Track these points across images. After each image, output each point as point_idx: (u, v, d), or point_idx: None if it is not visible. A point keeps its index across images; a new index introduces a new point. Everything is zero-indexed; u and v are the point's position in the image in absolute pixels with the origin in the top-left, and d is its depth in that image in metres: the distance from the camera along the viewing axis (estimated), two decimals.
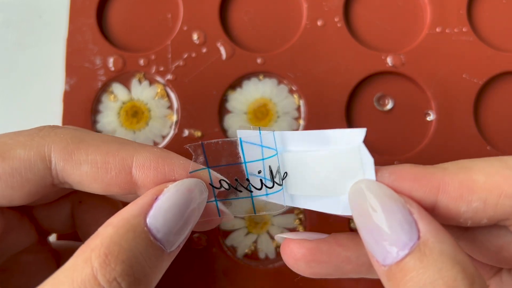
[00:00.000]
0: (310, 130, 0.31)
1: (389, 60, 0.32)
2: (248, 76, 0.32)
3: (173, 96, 0.31)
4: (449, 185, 0.18)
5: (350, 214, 0.19)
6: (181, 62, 0.31)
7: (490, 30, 0.33)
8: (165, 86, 0.31)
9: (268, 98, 0.31)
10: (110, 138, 0.22)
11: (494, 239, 0.20)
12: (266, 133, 0.20)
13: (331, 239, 0.21)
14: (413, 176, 0.19)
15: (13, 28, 0.34)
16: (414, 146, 0.31)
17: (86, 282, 0.17)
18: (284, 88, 0.32)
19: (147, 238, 0.18)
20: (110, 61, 0.31)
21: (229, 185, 0.21)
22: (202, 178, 0.20)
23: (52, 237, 0.29)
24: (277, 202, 0.21)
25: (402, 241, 0.17)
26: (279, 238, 0.22)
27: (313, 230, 0.30)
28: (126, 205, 0.20)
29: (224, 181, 0.21)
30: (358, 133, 0.19)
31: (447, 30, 0.32)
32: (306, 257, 0.21)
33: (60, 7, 0.33)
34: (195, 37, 0.32)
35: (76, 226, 0.26)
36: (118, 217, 0.19)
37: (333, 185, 0.19)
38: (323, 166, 0.19)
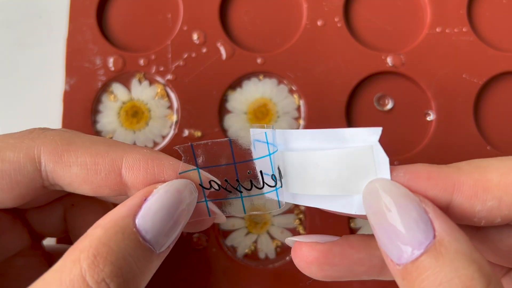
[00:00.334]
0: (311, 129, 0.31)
1: (389, 60, 0.32)
2: (248, 76, 0.32)
3: (173, 96, 0.31)
4: (464, 184, 0.18)
5: (363, 213, 0.19)
6: (181, 62, 0.31)
7: (490, 30, 0.33)
8: (165, 86, 0.31)
9: (268, 98, 0.31)
10: (99, 139, 0.22)
11: (506, 239, 0.20)
12: (269, 131, 0.20)
13: (343, 241, 0.21)
14: (427, 175, 0.19)
15: (13, 28, 0.34)
16: (414, 146, 0.31)
17: (75, 283, 0.17)
18: (284, 88, 0.32)
19: (136, 239, 0.18)
20: (110, 61, 0.31)
21: (219, 185, 0.21)
22: (192, 179, 0.20)
23: (52, 241, 0.29)
24: (277, 199, 0.21)
25: (418, 240, 0.17)
26: (290, 241, 0.22)
27: (313, 230, 0.30)
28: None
29: (214, 181, 0.21)
30: (373, 132, 0.19)
31: (447, 30, 0.32)
32: (318, 260, 0.20)
33: (60, 7, 0.33)
34: (195, 37, 0.32)
35: (68, 230, 0.26)
36: (107, 218, 0.19)
37: (345, 184, 0.19)
38: (335, 165, 0.19)
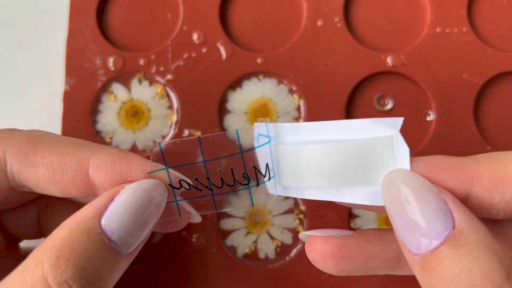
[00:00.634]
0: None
1: (389, 60, 0.32)
2: (248, 76, 0.32)
3: (173, 96, 0.31)
4: (483, 175, 0.18)
5: (381, 204, 0.19)
6: (181, 62, 0.31)
7: (490, 30, 0.33)
8: (165, 86, 0.31)
9: (268, 98, 0.31)
10: (67, 139, 0.21)
11: None
12: (261, 125, 0.20)
13: (358, 235, 0.21)
14: (447, 166, 0.19)
15: (13, 28, 0.34)
16: (414, 146, 0.31)
17: (36, 284, 0.17)
18: (284, 88, 0.32)
19: (102, 240, 0.18)
20: (110, 61, 0.31)
21: (189, 185, 0.20)
22: (161, 179, 0.20)
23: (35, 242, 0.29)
24: (271, 192, 0.21)
25: (437, 230, 0.17)
26: (304, 236, 0.21)
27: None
28: None
29: (184, 181, 0.20)
30: (394, 122, 0.19)
31: (447, 30, 0.32)
32: (334, 254, 0.20)
33: (60, 7, 0.33)
34: (195, 37, 0.32)
35: (43, 232, 0.25)
36: (73, 219, 0.19)
37: (362, 175, 0.19)
38: (351, 156, 0.19)
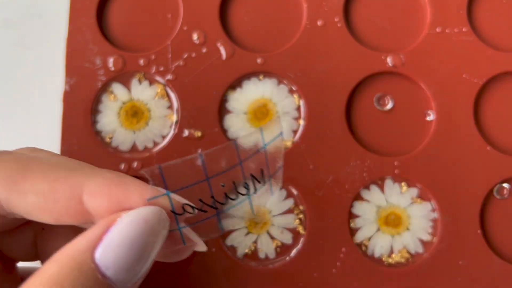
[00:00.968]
0: (309, 130, 0.31)
1: (389, 60, 0.32)
2: (248, 76, 0.32)
3: (173, 96, 0.31)
4: None
5: None
6: (181, 62, 0.31)
7: (490, 30, 0.33)
8: (165, 86, 0.31)
9: (268, 98, 0.31)
10: (61, 163, 0.20)
11: None
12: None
13: None
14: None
15: (13, 28, 0.34)
16: (414, 146, 0.31)
17: None
18: (284, 88, 0.32)
19: (95, 277, 0.16)
20: (110, 61, 0.31)
21: (193, 208, 0.18)
22: (163, 205, 0.18)
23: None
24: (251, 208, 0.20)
25: None
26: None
27: (313, 230, 0.30)
28: None
29: (187, 205, 0.18)
30: None
31: (447, 30, 0.32)
32: None
33: (60, 7, 0.33)
34: (195, 37, 0.32)
35: (39, 255, 0.24)
36: (64, 252, 0.17)
37: None
38: None
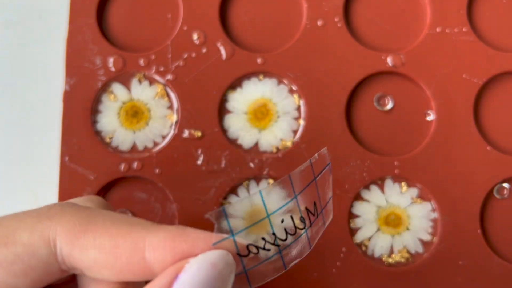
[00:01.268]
0: (309, 130, 0.31)
1: (389, 60, 0.32)
2: (248, 76, 0.32)
3: (173, 96, 0.31)
4: None
5: None
6: (181, 62, 0.31)
7: (490, 30, 0.33)
8: (165, 86, 0.31)
9: (268, 98, 0.31)
10: (121, 218, 0.19)
11: None
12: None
13: None
14: None
15: (13, 28, 0.34)
16: (414, 146, 0.31)
17: None
18: (284, 88, 0.32)
19: None
20: (110, 61, 0.31)
21: (257, 248, 0.18)
22: (228, 249, 0.18)
23: None
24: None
25: None
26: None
27: (312, 229, 0.30)
28: None
29: (252, 245, 0.18)
30: None
31: (447, 30, 0.32)
32: None
33: (60, 7, 0.33)
34: (195, 37, 0.32)
35: None
36: None
37: None
38: None
